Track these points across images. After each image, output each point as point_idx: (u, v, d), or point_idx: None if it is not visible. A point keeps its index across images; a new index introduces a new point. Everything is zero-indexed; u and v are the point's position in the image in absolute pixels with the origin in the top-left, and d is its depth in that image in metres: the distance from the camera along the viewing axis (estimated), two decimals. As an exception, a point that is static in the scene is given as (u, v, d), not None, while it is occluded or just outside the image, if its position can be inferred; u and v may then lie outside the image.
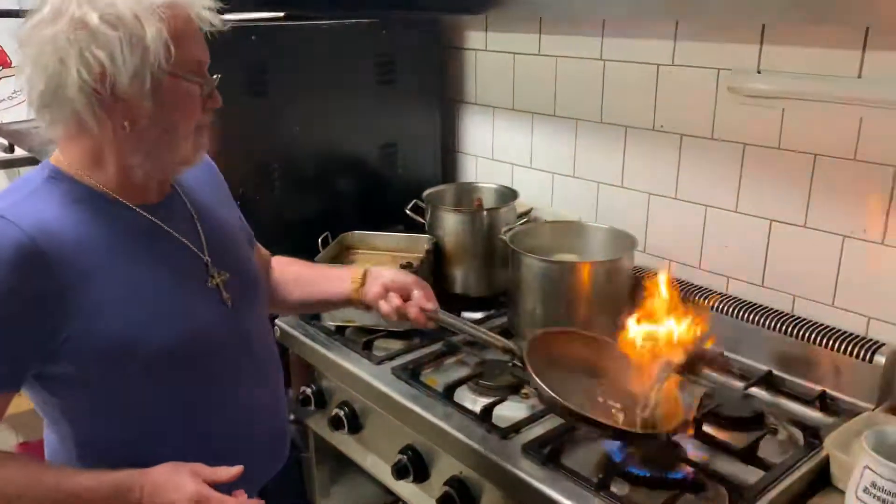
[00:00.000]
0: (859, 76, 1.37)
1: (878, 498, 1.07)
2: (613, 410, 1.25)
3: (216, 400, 1.12)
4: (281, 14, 1.98)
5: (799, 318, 1.53)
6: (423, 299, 1.28)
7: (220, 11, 1.04)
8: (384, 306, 1.28)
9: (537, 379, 1.21)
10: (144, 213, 1.08)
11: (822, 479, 1.26)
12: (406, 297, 1.29)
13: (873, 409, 1.39)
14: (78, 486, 0.99)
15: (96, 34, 0.93)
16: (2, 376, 0.99)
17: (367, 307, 1.33)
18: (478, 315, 1.85)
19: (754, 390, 1.50)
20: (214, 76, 1.06)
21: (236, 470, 1.00)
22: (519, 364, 1.29)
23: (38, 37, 0.95)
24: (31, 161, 2.63)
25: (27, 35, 0.97)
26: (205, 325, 1.10)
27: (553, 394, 1.19)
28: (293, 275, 1.42)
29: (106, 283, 1.00)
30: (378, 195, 2.11)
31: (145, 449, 1.06)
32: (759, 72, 1.52)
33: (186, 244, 1.12)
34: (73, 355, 0.99)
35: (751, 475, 1.24)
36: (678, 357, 1.22)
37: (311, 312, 1.74)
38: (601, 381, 1.31)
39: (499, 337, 1.33)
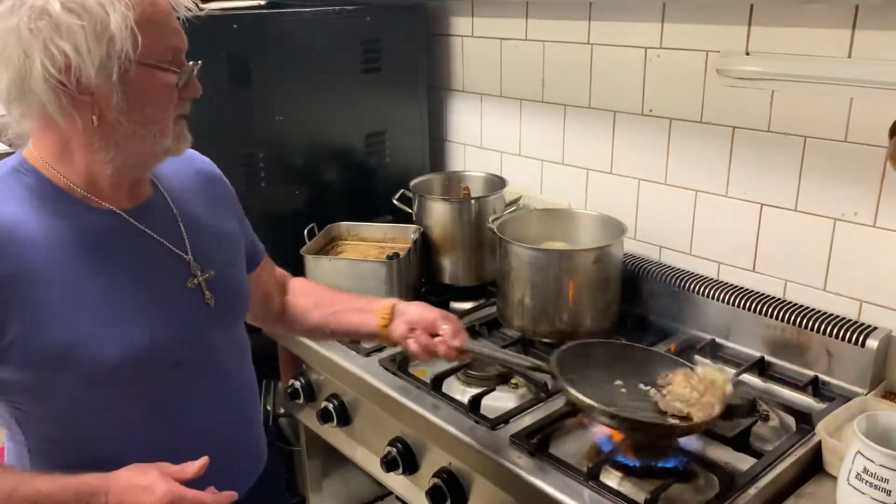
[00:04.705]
0: (849, 56, 1.35)
1: (870, 483, 1.05)
2: (651, 409, 1.25)
3: (170, 413, 1.06)
4: (262, 2, 1.95)
5: (791, 302, 1.52)
6: (449, 335, 1.23)
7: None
8: (412, 345, 1.24)
9: (572, 390, 1.21)
10: (116, 212, 1.02)
11: (814, 465, 1.26)
12: (433, 333, 1.24)
13: (866, 394, 1.39)
14: (36, 493, 0.94)
15: (59, 24, 0.88)
16: None
17: (395, 344, 1.30)
18: (467, 305, 1.83)
19: (746, 376, 1.49)
20: (193, 63, 1.00)
21: (202, 462, 0.96)
22: (551, 380, 1.28)
23: (1, 28, 0.90)
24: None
25: None
26: (169, 334, 1.03)
27: (590, 400, 1.20)
28: (316, 298, 1.36)
29: (55, 285, 0.95)
30: (365, 185, 2.09)
31: (99, 457, 1.00)
32: (747, 53, 1.49)
33: (164, 243, 1.06)
34: (15, 360, 0.94)
35: (742, 462, 1.23)
36: None
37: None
38: (632, 382, 1.32)
39: (528, 358, 1.32)
